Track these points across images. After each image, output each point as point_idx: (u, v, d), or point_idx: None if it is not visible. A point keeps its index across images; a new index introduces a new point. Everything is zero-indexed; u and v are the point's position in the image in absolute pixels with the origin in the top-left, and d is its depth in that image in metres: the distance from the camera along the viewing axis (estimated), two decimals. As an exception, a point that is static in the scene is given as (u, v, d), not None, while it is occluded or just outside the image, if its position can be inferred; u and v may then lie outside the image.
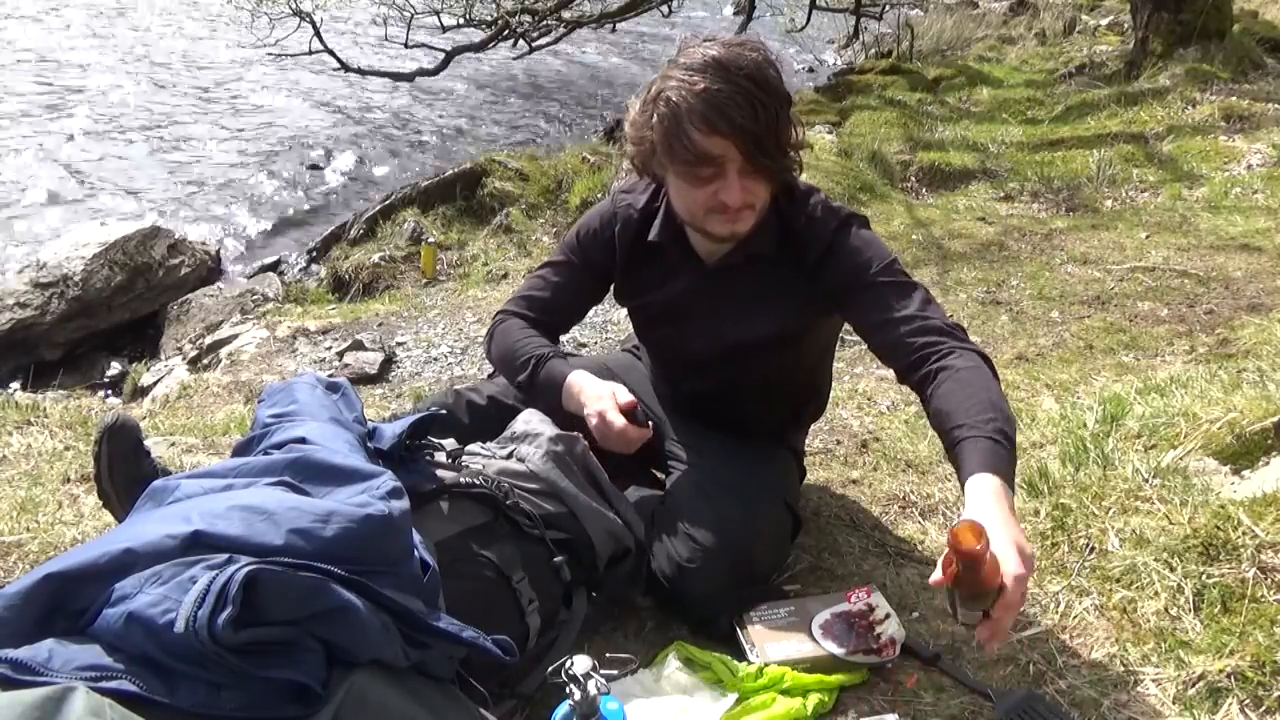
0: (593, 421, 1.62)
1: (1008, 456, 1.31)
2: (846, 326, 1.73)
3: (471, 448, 1.65)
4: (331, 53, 8.51)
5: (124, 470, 1.64)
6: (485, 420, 1.79)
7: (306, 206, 7.08)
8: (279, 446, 1.40)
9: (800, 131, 1.57)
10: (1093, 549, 1.69)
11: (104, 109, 8.43)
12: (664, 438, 1.86)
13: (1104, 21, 10.12)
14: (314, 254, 6.24)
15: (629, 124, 1.60)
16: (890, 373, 1.60)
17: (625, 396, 1.64)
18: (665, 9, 9.66)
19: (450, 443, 1.61)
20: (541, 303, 1.81)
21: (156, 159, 7.58)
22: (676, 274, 1.72)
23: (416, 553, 1.25)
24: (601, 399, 1.62)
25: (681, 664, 1.50)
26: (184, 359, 4.50)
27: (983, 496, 1.25)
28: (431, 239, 5.58)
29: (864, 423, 2.52)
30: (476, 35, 9.25)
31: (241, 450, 1.50)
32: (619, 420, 1.60)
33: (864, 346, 1.72)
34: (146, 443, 1.74)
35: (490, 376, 2.07)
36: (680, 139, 1.49)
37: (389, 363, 3.58)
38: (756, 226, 1.62)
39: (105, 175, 7.22)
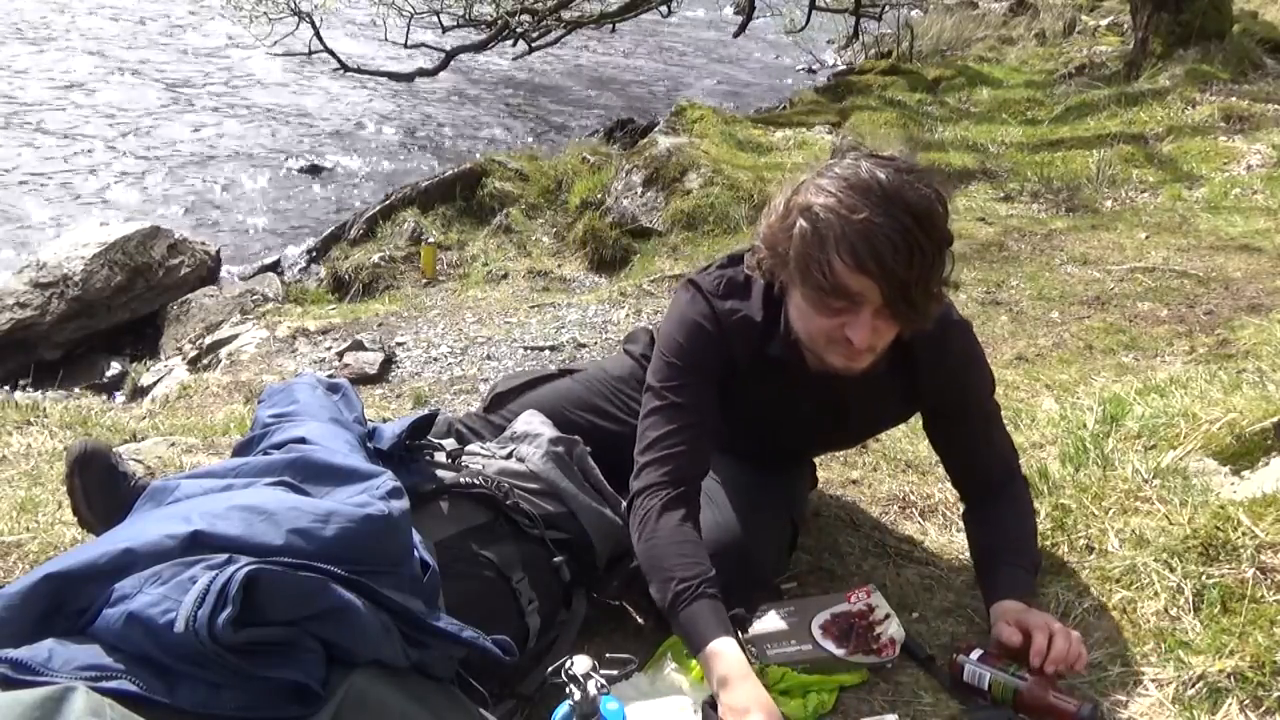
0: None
1: (1028, 581, 1.56)
2: None
3: (471, 448, 1.65)
4: (331, 52, 8.51)
5: (102, 499, 1.57)
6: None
7: (306, 206, 7.08)
8: (279, 446, 1.40)
9: (951, 268, 1.41)
10: (1092, 549, 1.69)
11: (102, 108, 8.42)
12: None
13: (1104, 22, 10.11)
14: (314, 254, 6.24)
15: (764, 223, 1.45)
16: None
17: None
18: (665, 9, 9.66)
19: (450, 443, 1.61)
20: (680, 469, 1.53)
21: (156, 159, 7.57)
22: (790, 384, 1.59)
23: (416, 553, 1.26)
24: (750, 711, 1.29)
25: (679, 664, 1.50)
26: (184, 359, 4.50)
27: (1010, 604, 1.50)
28: (431, 239, 5.58)
29: (864, 423, 2.52)
30: (476, 35, 9.25)
31: (241, 450, 1.50)
32: None
33: None
34: (138, 445, 1.71)
35: (486, 410, 1.96)
36: (820, 264, 1.34)
37: (389, 363, 3.58)
38: None
39: (104, 175, 7.22)
